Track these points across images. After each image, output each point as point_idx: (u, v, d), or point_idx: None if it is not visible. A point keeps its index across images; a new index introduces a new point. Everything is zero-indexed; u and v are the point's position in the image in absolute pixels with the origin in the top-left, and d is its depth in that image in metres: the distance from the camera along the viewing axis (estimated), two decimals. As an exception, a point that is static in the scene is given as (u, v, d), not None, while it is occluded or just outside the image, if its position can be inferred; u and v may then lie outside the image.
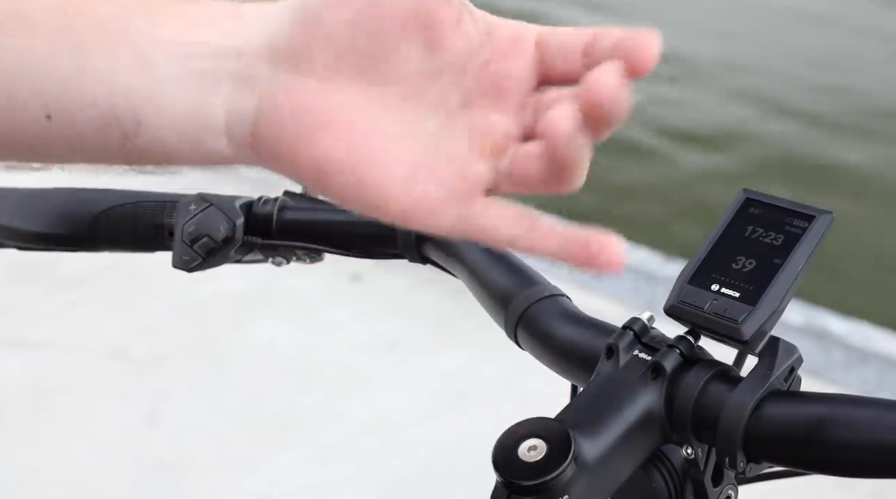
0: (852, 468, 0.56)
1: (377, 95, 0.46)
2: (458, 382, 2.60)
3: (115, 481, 2.30)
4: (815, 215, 0.60)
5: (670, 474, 0.60)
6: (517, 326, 0.69)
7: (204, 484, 2.30)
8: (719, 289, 0.60)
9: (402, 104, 0.46)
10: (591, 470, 0.54)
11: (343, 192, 0.46)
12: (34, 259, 2.87)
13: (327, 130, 0.45)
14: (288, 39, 0.46)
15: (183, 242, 0.79)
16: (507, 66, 0.47)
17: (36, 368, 2.66)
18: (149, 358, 2.71)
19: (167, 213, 0.81)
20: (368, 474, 2.32)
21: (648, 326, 0.62)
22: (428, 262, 0.77)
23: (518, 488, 0.53)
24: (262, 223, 0.79)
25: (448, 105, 0.46)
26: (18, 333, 2.79)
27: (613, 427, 0.57)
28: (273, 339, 2.80)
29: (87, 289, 2.97)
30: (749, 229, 0.62)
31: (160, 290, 2.86)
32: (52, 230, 0.83)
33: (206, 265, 0.78)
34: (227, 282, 2.93)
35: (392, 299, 2.94)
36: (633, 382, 0.59)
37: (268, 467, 2.33)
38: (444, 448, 2.38)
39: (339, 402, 2.55)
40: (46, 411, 2.51)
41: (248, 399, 2.56)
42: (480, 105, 0.47)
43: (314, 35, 0.46)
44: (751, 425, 0.57)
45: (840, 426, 0.55)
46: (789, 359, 0.59)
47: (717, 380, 0.59)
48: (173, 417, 2.50)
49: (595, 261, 0.43)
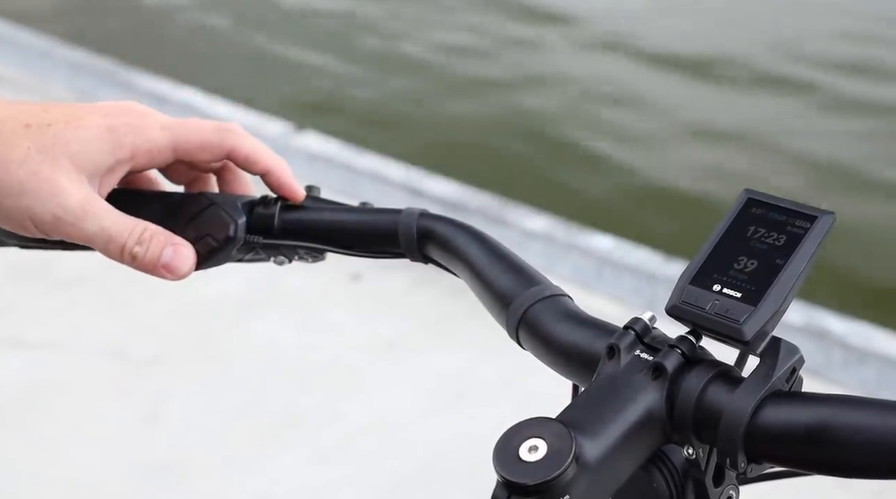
0: (853, 469, 0.56)
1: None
2: (457, 381, 2.60)
3: (114, 481, 2.30)
4: (818, 216, 0.60)
5: (671, 475, 0.60)
6: (518, 325, 0.69)
7: (204, 484, 2.30)
8: (721, 289, 0.60)
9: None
10: (592, 470, 0.54)
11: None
12: (34, 259, 2.88)
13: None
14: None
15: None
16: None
17: (35, 367, 2.66)
18: (148, 358, 2.70)
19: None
20: (368, 473, 2.32)
21: (650, 326, 0.62)
22: (429, 261, 0.77)
23: (519, 489, 0.53)
24: (264, 222, 0.78)
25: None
26: (18, 333, 2.79)
27: (614, 427, 0.56)
28: (273, 338, 2.80)
29: (88, 288, 2.97)
30: (751, 230, 0.62)
31: (160, 289, 2.86)
32: (52, 230, 0.83)
33: (208, 264, 0.78)
34: (228, 282, 2.93)
35: (392, 299, 2.94)
36: (634, 382, 0.59)
37: (268, 467, 2.33)
38: (443, 448, 2.38)
39: (339, 401, 2.55)
40: (46, 410, 2.51)
41: (248, 399, 2.56)
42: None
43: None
44: (752, 425, 0.57)
45: (841, 427, 0.55)
46: (791, 359, 0.59)
47: (718, 380, 0.59)
48: (173, 416, 2.50)
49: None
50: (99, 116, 0.69)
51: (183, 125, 0.73)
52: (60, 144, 0.67)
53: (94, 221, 0.67)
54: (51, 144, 0.67)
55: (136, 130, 0.71)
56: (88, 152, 0.68)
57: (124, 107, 0.72)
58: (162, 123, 0.73)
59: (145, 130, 0.71)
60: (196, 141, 0.73)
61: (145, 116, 0.72)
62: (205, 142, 0.74)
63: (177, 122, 0.74)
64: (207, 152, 0.74)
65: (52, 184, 0.66)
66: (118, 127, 0.70)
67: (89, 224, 0.67)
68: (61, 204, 0.66)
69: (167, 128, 0.73)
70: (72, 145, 0.67)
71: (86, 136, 0.68)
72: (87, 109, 0.70)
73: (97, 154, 0.68)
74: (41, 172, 0.66)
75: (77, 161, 0.67)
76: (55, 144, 0.67)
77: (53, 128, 0.67)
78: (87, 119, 0.68)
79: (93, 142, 0.68)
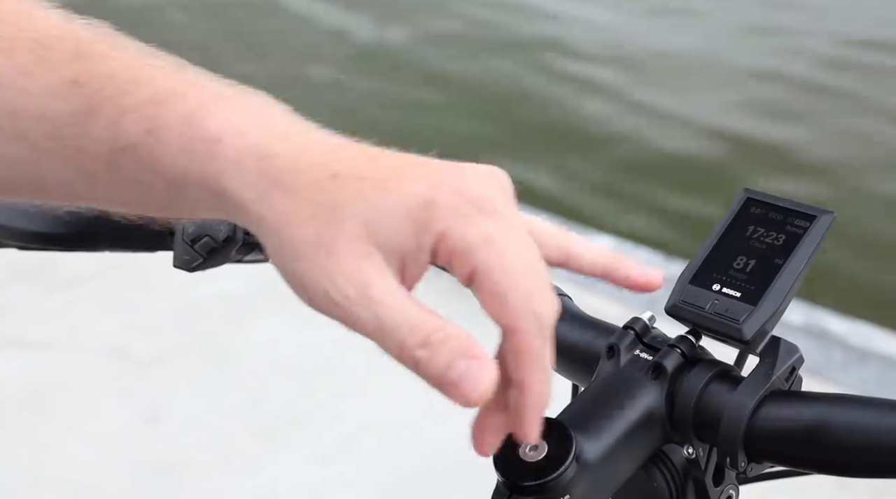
0: (853, 468, 0.56)
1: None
2: (458, 381, 2.60)
3: (114, 481, 2.30)
4: (817, 215, 0.60)
5: (671, 474, 0.60)
6: (518, 325, 0.69)
7: (204, 484, 2.30)
8: (720, 289, 0.60)
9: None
10: (593, 470, 0.54)
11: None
12: (34, 259, 2.88)
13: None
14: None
15: (183, 241, 0.78)
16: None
17: (36, 367, 2.66)
18: (149, 358, 2.71)
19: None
20: (369, 473, 2.32)
21: (650, 325, 0.62)
22: (429, 261, 0.77)
23: (519, 488, 0.53)
24: (263, 223, 0.78)
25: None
26: (18, 333, 2.79)
27: (614, 427, 0.57)
28: (273, 338, 2.80)
29: (88, 288, 2.97)
30: (750, 229, 0.62)
31: (160, 289, 2.86)
32: (52, 230, 0.83)
33: (207, 265, 0.78)
34: (228, 281, 2.93)
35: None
36: (634, 381, 0.59)
37: (268, 467, 2.33)
38: (444, 448, 2.38)
39: (339, 401, 2.55)
40: (46, 410, 2.51)
41: (249, 399, 2.56)
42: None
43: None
44: (752, 424, 0.57)
45: (841, 427, 0.55)
46: (790, 359, 0.59)
47: (718, 380, 0.59)
48: (174, 416, 2.50)
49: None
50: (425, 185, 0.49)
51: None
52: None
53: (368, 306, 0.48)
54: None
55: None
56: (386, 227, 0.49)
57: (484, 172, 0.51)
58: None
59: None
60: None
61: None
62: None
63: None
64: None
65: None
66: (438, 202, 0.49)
67: (361, 309, 0.49)
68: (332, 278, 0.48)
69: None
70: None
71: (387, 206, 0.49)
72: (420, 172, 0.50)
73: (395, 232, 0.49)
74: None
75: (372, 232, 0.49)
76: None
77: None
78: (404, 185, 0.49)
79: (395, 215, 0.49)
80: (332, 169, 0.48)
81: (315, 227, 0.47)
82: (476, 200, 0.49)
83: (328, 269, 0.47)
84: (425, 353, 0.47)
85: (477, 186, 0.49)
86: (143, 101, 0.48)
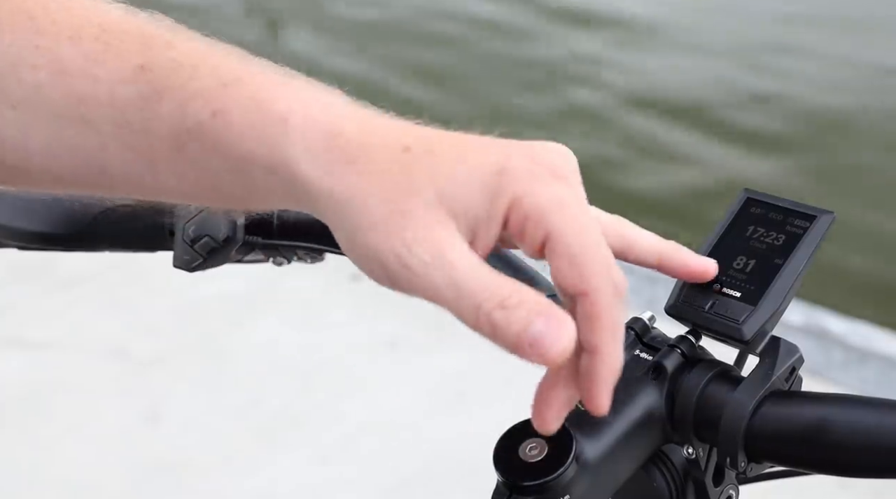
0: (853, 468, 0.56)
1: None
2: (457, 381, 2.60)
3: (114, 480, 2.30)
4: (817, 215, 0.60)
5: (671, 474, 0.60)
6: (518, 325, 0.69)
7: (204, 484, 2.30)
8: (720, 289, 0.60)
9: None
10: (593, 470, 0.55)
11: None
12: (34, 259, 2.88)
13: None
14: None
15: (183, 241, 0.78)
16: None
17: (36, 367, 2.66)
18: (149, 358, 2.71)
19: (167, 212, 0.81)
20: (369, 473, 2.32)
21: (649, 325, 0.62)
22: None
23: (519, 488, 0.53)
24: (264, 223, 0.78)
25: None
26: (18, 333, 2.79)
27: (614, 427, 0.57)
28: (273, 338, 2.80)
29: (88, 288, 2.97)
30: (750, 229, 0.62)
31: (160, 289, 2.86)
32: (52, 230, 0.83)
33: (207, 265, 0.78)
34: (228, 281, 2.93)
35: (392, 299, 2.93)
36: (634, 381, 0.59)
37: (268, 467, 2.33)
38: (444, 448, 2.38)
39: (340, 401, 2.55)
40: (46, 410, 2.51)
41: (249, 399, 2.56)
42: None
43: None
44: (752, 424, 0.57)
45: (841, 427, 0.55)
46: (790, 359, 0.59)
47: (718, 380, 0.59)
48: (174, 416, 2.50)
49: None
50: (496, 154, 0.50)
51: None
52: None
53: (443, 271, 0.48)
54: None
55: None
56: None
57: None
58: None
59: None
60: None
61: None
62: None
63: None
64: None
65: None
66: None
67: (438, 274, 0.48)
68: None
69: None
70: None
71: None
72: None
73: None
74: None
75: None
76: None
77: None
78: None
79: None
80: (403, 143, 0.49)
81: (389, 195, 0.47)
82: (548, 165, 0.50)
83: (404, 236, 0.47)
84: (502, 315, 0.47)
85: (547, 156, 0.50)
86: (209, 85, 0.48)
